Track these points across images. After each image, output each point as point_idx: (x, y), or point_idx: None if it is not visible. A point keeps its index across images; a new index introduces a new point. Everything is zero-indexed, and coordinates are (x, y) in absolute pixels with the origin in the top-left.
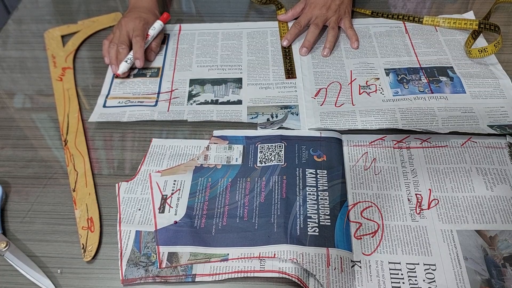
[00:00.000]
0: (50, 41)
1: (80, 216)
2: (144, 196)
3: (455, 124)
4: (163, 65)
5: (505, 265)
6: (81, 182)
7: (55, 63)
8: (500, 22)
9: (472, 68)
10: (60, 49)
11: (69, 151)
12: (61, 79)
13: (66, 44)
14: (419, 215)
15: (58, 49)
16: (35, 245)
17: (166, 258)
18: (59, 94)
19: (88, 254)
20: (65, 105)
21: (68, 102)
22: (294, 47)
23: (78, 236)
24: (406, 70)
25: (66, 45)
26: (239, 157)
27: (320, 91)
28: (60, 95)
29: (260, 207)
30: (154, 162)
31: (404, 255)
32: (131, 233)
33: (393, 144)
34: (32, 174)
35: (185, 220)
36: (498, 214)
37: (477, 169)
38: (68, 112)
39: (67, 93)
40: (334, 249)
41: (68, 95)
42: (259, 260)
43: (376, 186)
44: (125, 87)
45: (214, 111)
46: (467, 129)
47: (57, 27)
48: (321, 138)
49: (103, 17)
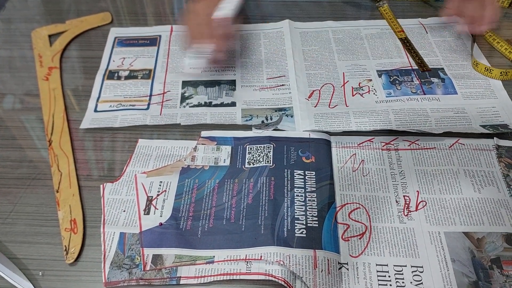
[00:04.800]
0: (37, 41)
1: (63, 217)
2: (129, 198)
3: (448, 125)
4: (155, 66)
5: (492, 267)
6: (65, 183)
7: (41, 63)
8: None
9: (462, 69)
10: (47, 48)
11: (53, 151)
12: (47, 78)
13: (53, 44)
14: (407, 217)
15: (45, 48)
16: (17, 247)
17: (150, 260)
18: (45, 94)
19: (71, 256)
20: (51, 105)
21: (53, 102)
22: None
23: (61, 237)
24: (398, 72)
25: (53, 45)
26: (227, 158)
27: (314, 93)
28: (46, 94)
29: (248, 208)
30: (140, 163)
31: (392, 257)
32: (115, 235)
33: (382, 145)
34: (16, 174)
35: (170, 222)
36: (486, 216)
37: (465, 171)
38: (53, 112)
39: (53, 93)
40: (321, 251)
41: (54, 94)
42: (245, 262)
43: (364, 188)
44: (116, 89)
45: (208, 114)
46: (460, 129)
47: (45, 26)
48: (310, 140)
49: (91, 17)
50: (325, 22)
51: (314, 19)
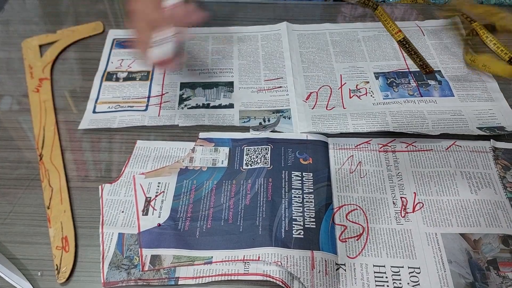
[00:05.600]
0: (28, 51)
1: (54, 235)
2: (127, 198)
3: (445, 127)
4: (153, 68)
5: (489, 269)
6: (56, 199)
7: (31, 74)
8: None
9: (459, 71)
10: (37, 59)
11: (44, 166)
12: (38, 90)
13: (44, 54)
14: (404, 218)
15: (36, 59)
16: (16, 247)
17: (149, 261)
18: (35, 106)
19: (62, 276)
20: (41, 117)
21: (44, 115)
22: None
23: (52, 256)
24: (395, 74)
25: (44, 55)
26: (225, 159)
27: (311, 95)
28: (37, 107)
29: (245, 209)
30: (138, 164)
31: (389, 258)
32: (113, 235)
33: (379, 147)
34: (15, 175)
35: (169, 222)
36: (482, 218)
37: (462, 172)
38: (44, 125)
39: (44, 105)
40: (319, 252)
41: (45, 107)
42: (243, 263)
43: (361, 189)
44: (115, 91)
45: (206, 115)
46: (457, 131)
47: (35, 36)
48: (308, 141)
49: (82, 27)
50: (323, 25)
51: (312, 22)
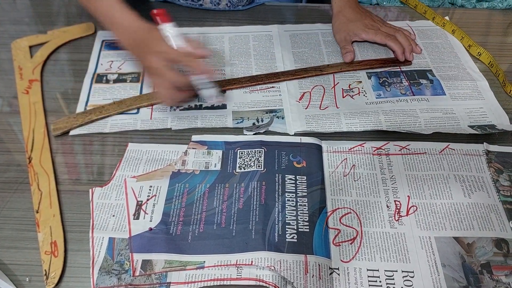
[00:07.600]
0: (17, 52)
1: (43, 239)
2: (118, 202)
3: (437, 125)
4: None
5: (482, 272)
6: (45, 202)
7: (21, 75)
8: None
9: (450, 71)
10: (27, 60)
11: (33, 169)
12: (28, 92)
13: (34, 55)
14: (398, 222)
15: (26, 60)
16: (3, 252)
17: (140, 265)
18: (25, 108)
19: (51, 281)
20: (31, 119)
21: (34, 117)
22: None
23: (41, 261)
24: (387, 74)
25: (34, 56)
26: (218, 162)
27: (304, 95)
28: (26, 109)
29: (238, 213)
30: (129, 167)
31: (383, 262)
32: (104, 240)
33: (373, 150)
34: (3, 178)
35: (160, 226)
36: (476, 221)
37: (455, 176)
38: (33, 127)
39: (33, 107)
40: (312, 256)
41: (34, 109)
42: (236, 267)
43: (355, 193)
44: (105, 93)
45: (199, 117)
46: (449, 130)
47: (25, 37)
48: (301, 144)
49: (73, 27)
50: (315, 25)
51: (303, 22)
